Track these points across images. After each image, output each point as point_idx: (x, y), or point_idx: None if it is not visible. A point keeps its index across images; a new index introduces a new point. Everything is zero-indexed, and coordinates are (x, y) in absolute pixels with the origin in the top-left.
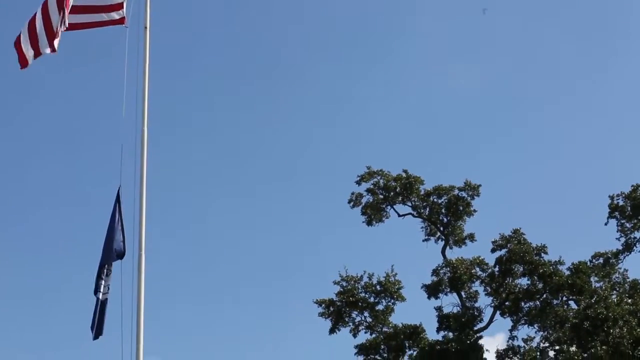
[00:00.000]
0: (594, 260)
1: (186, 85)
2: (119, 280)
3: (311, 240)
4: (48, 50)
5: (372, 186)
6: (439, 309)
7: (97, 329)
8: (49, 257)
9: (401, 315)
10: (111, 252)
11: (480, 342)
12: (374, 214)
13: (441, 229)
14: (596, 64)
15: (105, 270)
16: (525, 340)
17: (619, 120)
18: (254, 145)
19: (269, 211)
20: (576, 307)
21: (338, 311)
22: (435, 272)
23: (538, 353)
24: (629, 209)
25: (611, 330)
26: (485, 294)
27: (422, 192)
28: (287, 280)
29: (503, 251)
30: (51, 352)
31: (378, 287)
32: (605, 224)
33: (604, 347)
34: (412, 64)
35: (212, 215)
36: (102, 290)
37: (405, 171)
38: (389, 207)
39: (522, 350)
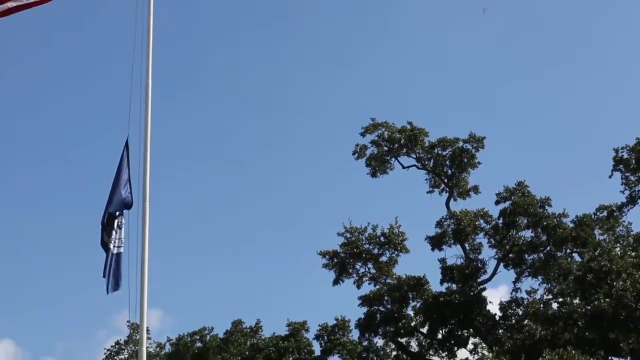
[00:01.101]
0: (598, 213)
1: (192, 38)
2: (128, 231)
3: (315, 192)
4: None
5: (376, 138)
6: (442, 260)
7: (114, 283)
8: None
9: (405, 267)
10: (118, 202)
11: (484, 294)
12: (378, 165)
13: (445, 181)
14: (600, 16)
15: (116, 223)
16: (528, 292)
17: (624, 74)
18: (258, 97)
19: (272, 163)
20: (580, 260)
21: (342, 262)
22: (439, 224)
23: (541, 305)
24: (633, 162)
25: (614, 283)
26: (489, 246)
27: (427, 144)
28: (290, 231)
29: (507, 203)
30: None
31: (382, 238)
32: (610, 177)
33: (607, 299)
34: (419, 17)
35: (216, 167)
36: (115, 243)
37: (409, 123)
38: (393, 159)
39: (525, 302)
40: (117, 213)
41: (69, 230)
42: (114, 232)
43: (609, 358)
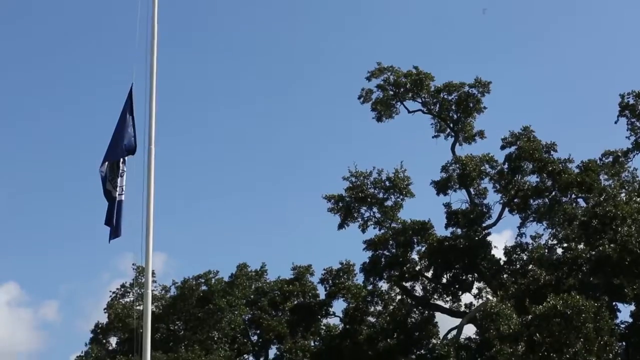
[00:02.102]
0: (603, 159)
1: None
2: (132, 176)
3: (321, 136)
4: None
5: (382, 82)
6: (447, 205)
7: (115, 230)
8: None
9: (410, 212)
10: (120, 148)
11: (489, 238)
12: (383, 110)
13: (451, 125)
14: None
15: (118, 170)
16: (533, 238)
17: (631, 20)
18: (266, 43)
19: (278, 108)
20: (585, 205)
21: (347, 207)
22: (444, 168)
23: (546, 250)
24: (639, 107)
25: (619, 229)
26: (494, 191)
27: (432, 89)
28: (296, 176)
29: (512, 148)
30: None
31: (387, 183)
32: (615, 123)
33: (612, 245)
34: None
35: (222, 112)
36: (117, 190)
37: (415, 67)
38: (398, 103)
39: (530, 247)
40: (121, 160)
41: (73, 175)
42: (118, 179)
43: (613, 303)
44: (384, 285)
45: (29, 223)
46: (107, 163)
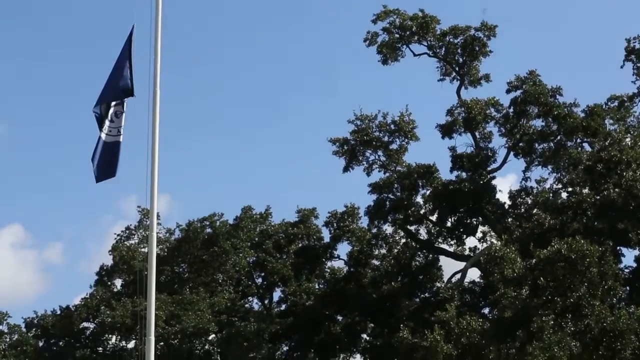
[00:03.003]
0: (609, 103)
1: None
2: (136, 118)
3: (326, 79)
4: None
5: (388, 25)
6: (452, 149)
7: (106, 170)
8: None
9: (415, 155)
10: (115, 89)
11: (493, 182)
12: (389, 53)
13: (456, 69)
14: None
15: (110, 111)
16: (538, 182)
17: None
18: None
19: (284, 50)
20: (590, 150)
21: (352, 150)
22: (449, 112)
23: (551, 194)
24: None
25: (624, 173)
26: (500, 135)
27: (438, 32)
28: (301, 119)
29: (518, 92)
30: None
31: (392, 126)
32: (621, 67)
33: (616, 189)
34: None
35: (227, 52)
36: (108, 131)
37: (421, 10)
38: (404, 46)
39: (534, 191)
40: (114, 103)
41: (77, 117)
42: (106, 122)
43: (618, 248)
44: (388, 229)
45: (33, 165)
46: (102, 104)
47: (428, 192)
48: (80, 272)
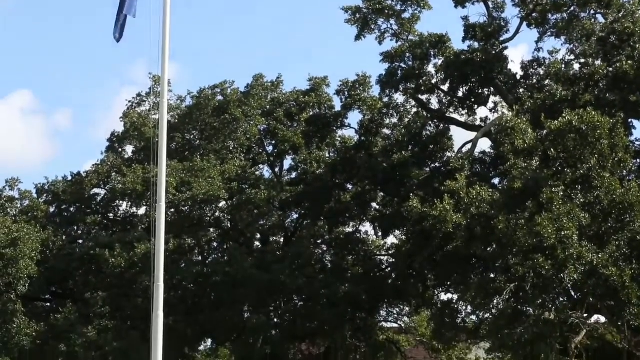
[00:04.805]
0: None
1: None
2: None
3: None
4: None
5: None
6: (465, 18)
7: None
8: None
9: (427, 24)
10: None
11: (506, 52)
12: None
13: None
14: None
15: None
16: (550, 53)
17: None
18: None
19: None
20: (603, 21)
21: (364, 18)
22: None
23: (563, 65)
24: None
25: (637, 45)
26: (513, 5)
27: None
28: None
29: None
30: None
31: None
32: None
33: (629, 61)
34: None
35: None
36: None
37: None
38: None
39: (547, 62)
40: None
41: None
42: None
43: (629, 120)
44: (399, 98)
45: (41, 29)
46: None
47: (440, 62)
48: (89, 138)
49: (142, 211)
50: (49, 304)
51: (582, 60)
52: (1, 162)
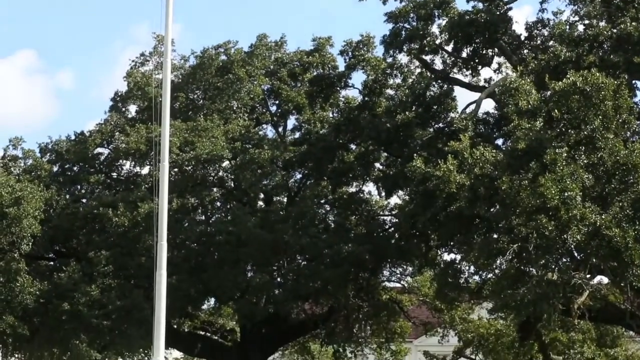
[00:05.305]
0: None
1: None
2: None
3: None
4: None
5: None
6: None
7: None
8: None
9: None
10: None
11: (510, 13)
12: None
13: None
14: None
15: None
16: (554, 14)
17: None
18: None
19: None
20: None
21: None
22: None
23: (567, 26)
24: None
25: None
26: None
27: None
28: None
29: None
30: (77, 14)
31: None
32: None
33: (633, 23)
34: None
35: None
36: None
37: None
38: None
39: (551, 23)
40: None
41: None
42: None
43: (633, 82)
44: (403, 58)
45: None
46: None
47: (444, 22)
48: (92, 98)
49: (145, 171)
50: (52, 263)
51: (587, 22)
52: (5, 121)
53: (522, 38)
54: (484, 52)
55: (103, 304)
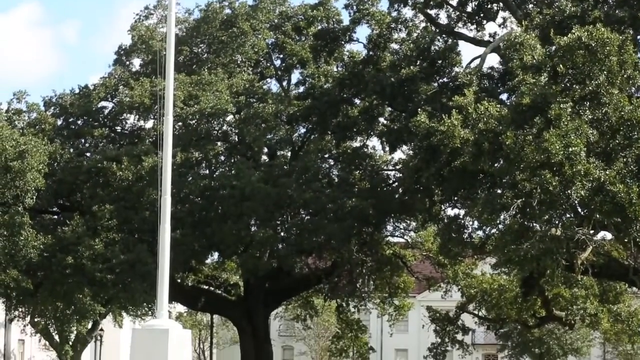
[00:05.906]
0: None
1: None
2: None
3: None
4: None
5: None
6: None
7: None
8: None
9: None
10: None
11: None
12: None
13: None
14: None
15: None
16: None
17: None
18: None
19: None
20: None
21: None
22: None
23: None
24: None
25: None
26: None
27: None
28: None
29: None
30: None
31: None
32: None
33: None
34: None
35: None
36: None
37: None
38: None
39: None
40: None
41: None
42: None
43: (638, 37)
44: (408, 12)
45: None
46: None
47: None
48: (96, 52)
49: (149, 124)
50: (56, 217)
51: None
52: (8, 74)
53: None
54: (489, 6)
55: (107, 257)
